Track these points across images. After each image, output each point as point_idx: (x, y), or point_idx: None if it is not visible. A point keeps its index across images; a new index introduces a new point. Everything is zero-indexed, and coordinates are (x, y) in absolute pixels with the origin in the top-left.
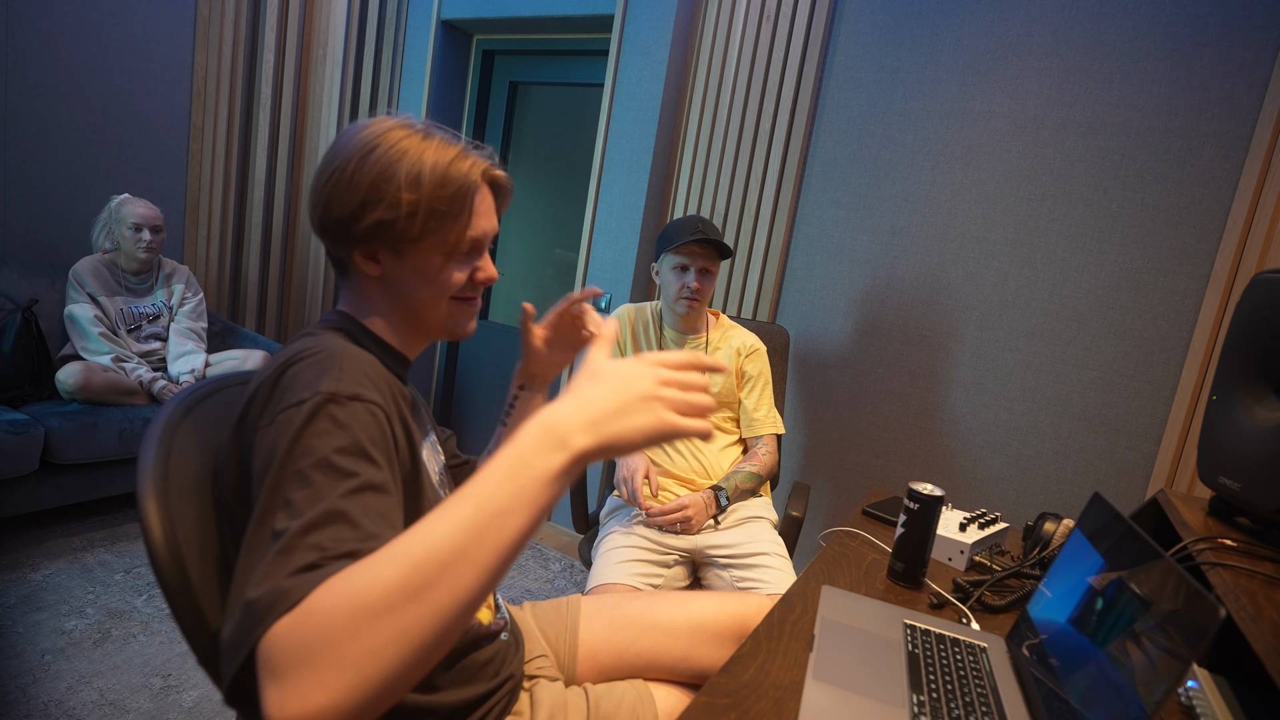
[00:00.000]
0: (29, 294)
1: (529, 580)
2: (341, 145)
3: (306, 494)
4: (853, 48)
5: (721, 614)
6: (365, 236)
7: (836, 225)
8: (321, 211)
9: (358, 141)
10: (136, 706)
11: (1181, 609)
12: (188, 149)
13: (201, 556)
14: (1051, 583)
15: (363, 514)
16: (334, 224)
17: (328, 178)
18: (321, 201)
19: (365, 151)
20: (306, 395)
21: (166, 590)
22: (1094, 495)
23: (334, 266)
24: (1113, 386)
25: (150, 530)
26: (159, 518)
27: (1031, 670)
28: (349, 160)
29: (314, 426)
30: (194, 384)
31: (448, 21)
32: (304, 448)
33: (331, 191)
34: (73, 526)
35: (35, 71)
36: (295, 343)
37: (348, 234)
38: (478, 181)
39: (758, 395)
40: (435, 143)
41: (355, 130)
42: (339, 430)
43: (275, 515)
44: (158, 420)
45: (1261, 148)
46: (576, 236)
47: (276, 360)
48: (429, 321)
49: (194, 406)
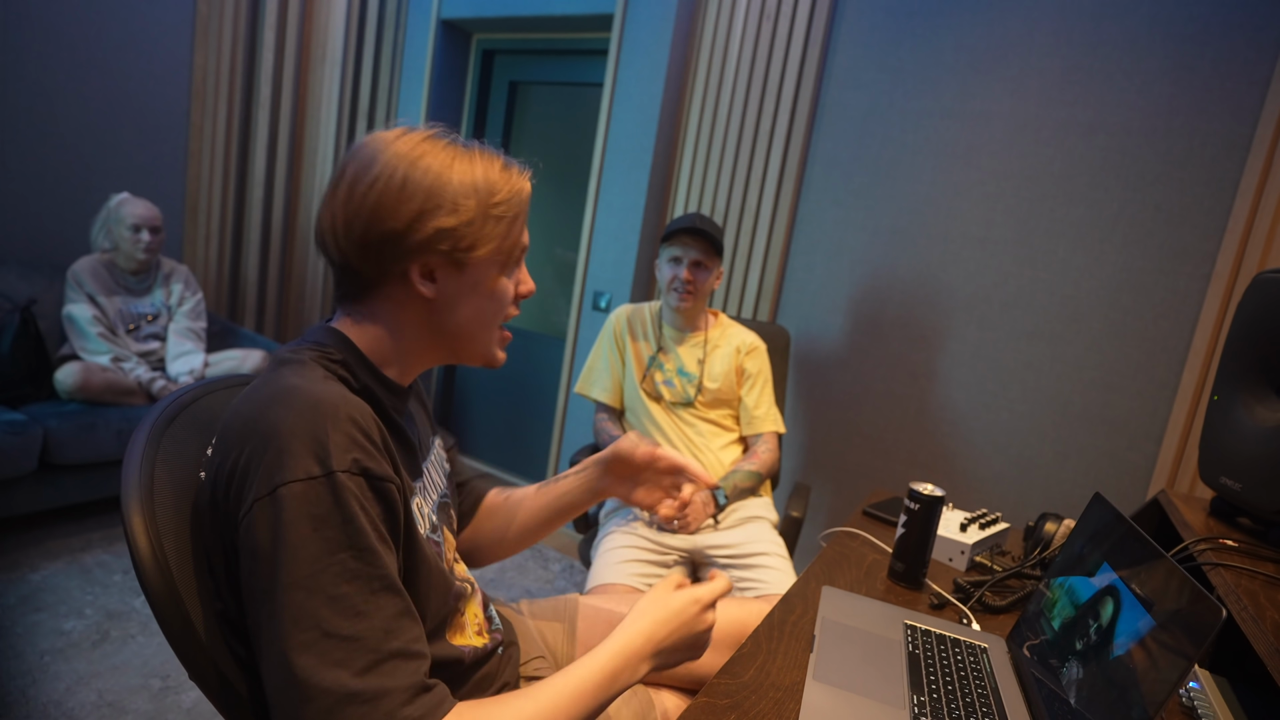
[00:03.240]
0: (27, 294)
1: (529, 580)
2: (374, 154)
3: (345, 611)
4: (853, 48)
5: (721, 618)
6: (424, 247)
7: (836, 225)
8: (365, 225)
9: (399, 148)
10: (135, 707)
11: (1183, 609)
12: (187, 148)
13: (187, 570)
14: (1052, 583)
15: (403, 629)
16: (383, 237)
17: (369, 187)
18: (364, 214)
19: (414, 157)
20: (307, 473)
21: (156, 604)
22: (1095, 495)
23: (354, 290)
24: (1113, 386)
25: (137, 544)
26: (144, 531)
27: (1032, 671)
28: (394, 167)
29: (322, 513)
30: (176, 391)
31: (447, 21)
32: (323, 543)
33: (379, 200)
34: (71, 527)
35: (35, 71)
36: (280, 377)
37: (402, 248)
38: (528, 188)
39: (758, 393)
40: (477, 151)
41: (387, 139)
42: (347, 522)
43: (320, 617)
44: (141, 431)
45: (1263, 147)
46: (576, 236)
47: (258, 399)
48: (473, 349)
49: (177, 415)
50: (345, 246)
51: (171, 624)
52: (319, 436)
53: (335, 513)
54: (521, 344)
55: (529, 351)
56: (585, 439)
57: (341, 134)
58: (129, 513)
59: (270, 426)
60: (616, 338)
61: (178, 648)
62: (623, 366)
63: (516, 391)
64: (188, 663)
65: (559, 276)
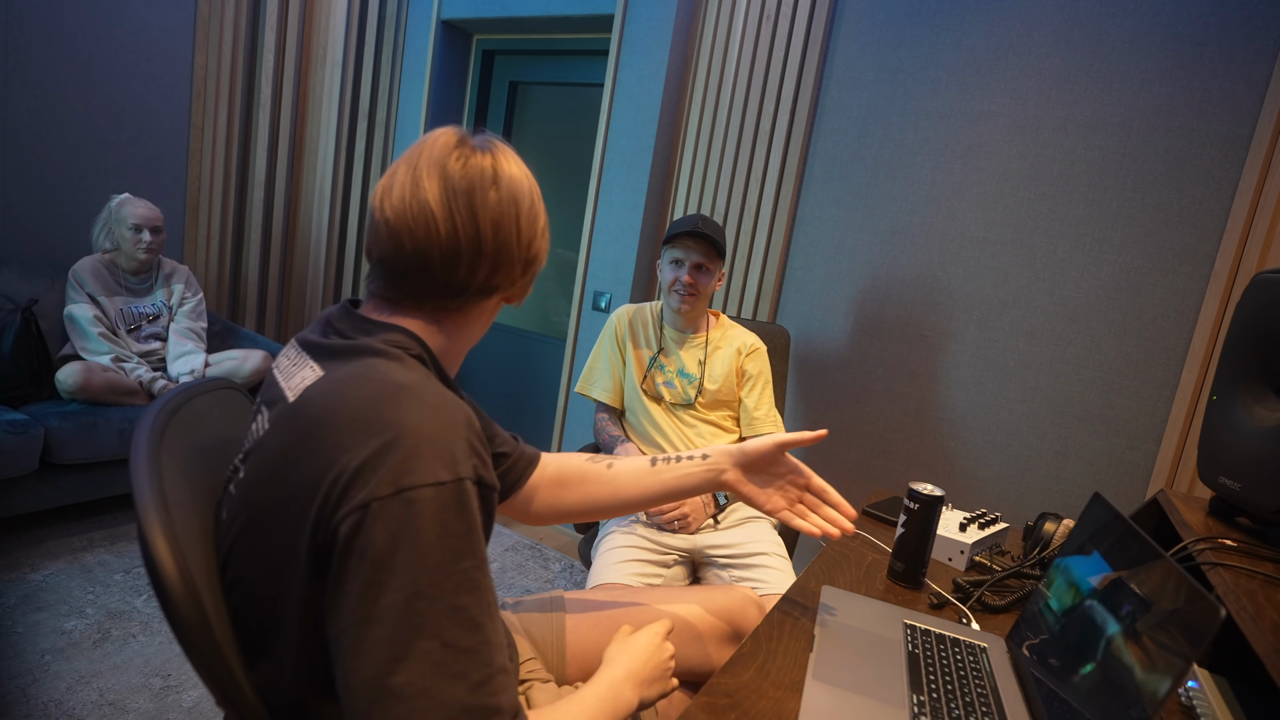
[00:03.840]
0: (29, 294)
1: (529, 580)
2: (484, 167)
3: (465, 623)
4: (853, 48)
5: (709, 609)
6: (528, 267)
7: (836, 225)
8: (525, 251)
9: (512, 170)
10: (136, 706)
11: (1182, 609)
12: (188, 148)
13: (211, 587)
14: (1052, 583)
15: (504, 646)
16: (511, 258)
17: (518, 214)
18: (504, 230)
19: (521, 176)
20: (436, 479)
21: (183, 630)
22: (1094, 495)
23: (435, 294)
24: (1113, 386)
25: (164, 570)
26: (170, 554)
27: (1032, 670)
28: (519, 184)
29: (449, 520)
30: (160, 399)
31: (448, 21)
32: (448, 551)
33: (524, 224)
34: (72, 526)
35: (35, 71)
36: (381, 371)
37: (518, 267)
38: None
39: (758, 394)
40: (510, 151)
41: (494, 162)
42: (470, 531)
43: (441, 626)
44: (140, 445)
45: (1262, 147)
46: (576, 236)
47: (366, 393)
48: (476, 340)
49: (168, 423)
50: (467, 255)
51: (203, 650)
52: (448, 441)
53: (460, 521)
54: (521, 344)
55: (529, 351)
56: (585, 439)
57: (342, 134)
58: (151, 535)
59: (394, 424)
60: (617, 338)
61: (206, 673)
62: (623, 366)
63: (516, 391)
64: (218, 688)
65: (559, 276)
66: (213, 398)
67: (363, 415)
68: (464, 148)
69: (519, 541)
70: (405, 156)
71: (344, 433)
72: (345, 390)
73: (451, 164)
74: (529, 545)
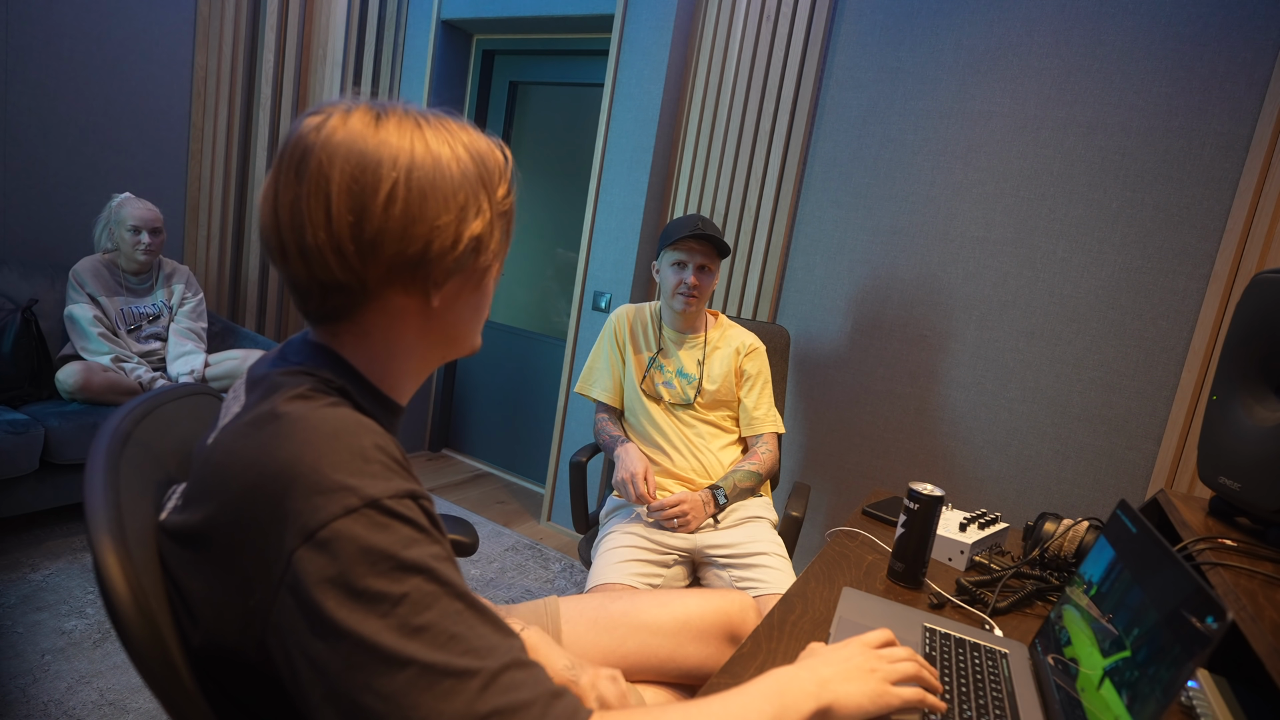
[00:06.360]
0: (29, 294)
1: (529, 580)
2: (363, 152)
3: (437, 640)
4: (853, 48)
5: (706, 611)
6: (459, 260)
7: (836, 225)
8: (396, 247)
9: (391, 140)
10: (136, 706)
11: (1186, 610)
12: (188, 149)
13: (163, 610)
14: (1076, 591)
15: (502, 641)
16: (415, 258)
17: (387, 199)
18: (390, 233)
19: (418, 151)
20: (341, 509)
21: (135, 648)
22: (1120, 502)
23: (343, 307)
24: (1113, 386)
25: (114, 588)
26: (121, 572)
27: (1055, 679)
28: (406, 170)
29: (376, 544)
30: (125, 405)
31: (448, 21)
32: (389, 579)
33: (404, 214)
34: (73, 526)
35: (35, 72)
36: (279, 407)
37: (432, 264)
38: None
39: (757, 394)
40: (452, 124)
41: (360, 129)
42: (407, 546)
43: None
44: (97, 454)
45: (1262, 147)
46: (576, 236)
47: (259, 436)
48: (462, 346)
49: (132, 430)
50: (358, 268)
51: (155, 669)
52: (349, 467)
53: (392, 540)
54: (521, 344)
55: (529, 351)
56: (585, 439)
57: None
58: (101, 552)
59: (284, 466)
60: (617, 338)
61: (161, 696)
62: (623, 366)
63: (516, 391)
64: (175, 713)
65: (559, 276)
66: (183, 404)
67: (252, 464)
68: (329, 127)
69: (519, 542)
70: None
71: (233, 486)
72: (234, 440)
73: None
74: (529, 545)
